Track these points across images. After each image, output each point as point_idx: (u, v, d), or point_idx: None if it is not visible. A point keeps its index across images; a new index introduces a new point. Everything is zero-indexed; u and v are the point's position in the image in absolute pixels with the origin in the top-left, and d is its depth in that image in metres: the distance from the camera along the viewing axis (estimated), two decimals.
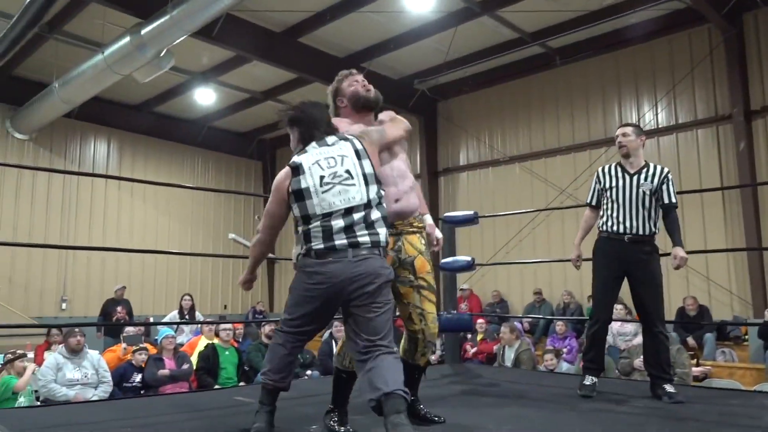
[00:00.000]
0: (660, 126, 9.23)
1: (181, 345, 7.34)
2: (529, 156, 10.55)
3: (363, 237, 2.40)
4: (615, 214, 3.61)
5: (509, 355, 7.06)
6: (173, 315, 9.12)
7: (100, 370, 5.65)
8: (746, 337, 7.78)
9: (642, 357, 4.01)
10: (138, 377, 5.93)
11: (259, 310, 12.77)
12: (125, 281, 12.25)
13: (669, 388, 3.40)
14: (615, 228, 3.60)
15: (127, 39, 7.92)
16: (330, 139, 2.57)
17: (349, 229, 2.39)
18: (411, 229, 2.79)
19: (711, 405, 3.30)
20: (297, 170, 2.48)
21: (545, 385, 4.13)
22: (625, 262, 3.59)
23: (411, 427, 2.18)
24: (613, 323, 7.86)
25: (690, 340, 7.62)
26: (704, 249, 8.30)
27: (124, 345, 6.71)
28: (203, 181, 13.91)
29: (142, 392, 5.74)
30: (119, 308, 9.51)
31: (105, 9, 8.17)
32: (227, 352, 6.56)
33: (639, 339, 6.93)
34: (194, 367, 6.24)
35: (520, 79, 10.57)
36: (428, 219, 3.01)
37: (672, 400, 3.30)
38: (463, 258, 4.81)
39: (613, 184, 3.65)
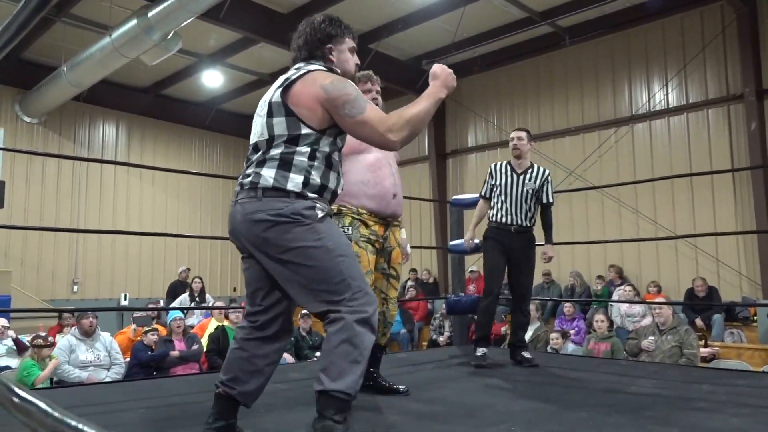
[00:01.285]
0: (670, 106, 9.14)
1: (192, 327, 7.42)
2: (538, 137, 10.47)
3: (245, 178, 2.09)
4: (503, 207, 4.15)
5: (527, 335, 7.08)
6: (184, 297, 9.20)
7: (112, 352, 5.73)
8: (755, 318, 7.77)
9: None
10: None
11: None
12: (136, 264, 12.38)
13: (526, 354, 4.06)
14: (503, 219, 4.13)
15: (134, 22, 7.91)
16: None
17: (246, 169, 2.14)
18: (396, 223, 3.06)
19: (719, 386, 3.31)
20: None
21: (553, 366, 4.16)
22: (510, 249, 4.12)
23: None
24: (621, 305, 7.90)
25: (698, 321, 7.62)
26: (714, 231, 8.28)
27: (134, 326, 6.79)
28: (211, 164, 13.94)
29: (154, 373, 5.81)
30: (189, 291, 9.56)
31: None
32: None
33: (647, 320, 6.96)
34: (204, 349, 6.32)
35: (530, 59, 10.48)
36: (403, 233, 3.27)
37: (530, 363, 3.97)
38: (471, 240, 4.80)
39: (503, 181, 4.18)
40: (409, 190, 12.02)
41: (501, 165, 4.26)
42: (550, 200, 4.24)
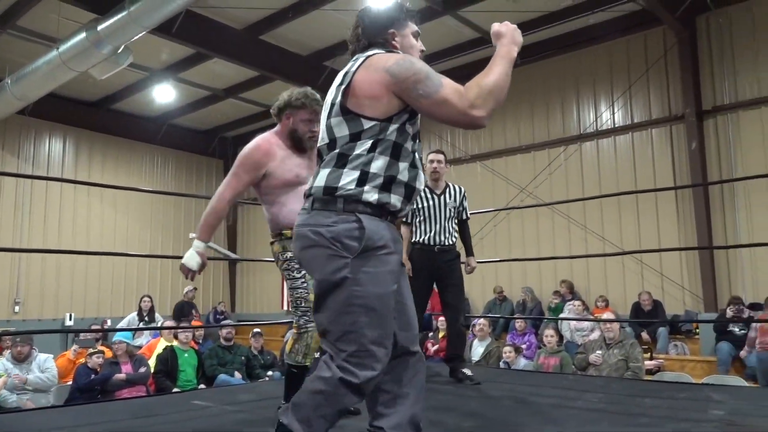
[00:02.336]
0: (617, 125, 9.44)
1: (140, 347, 7.23)
2: (490, 155, 10.67)
3: (307, 187, 1.97)
4: (426, 229, 4.24)
5: (479, 351, 7.14)
6: (132, 317, 8.96)
7: (46, 372, 5.55)
8: (697, 330, 8.04)
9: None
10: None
11: (220, 311, 12.63)
12: (82, 282, 12.01)
13: (467, 371, 4.08)
14: (427, 240, 4.23)
15: (83, 35, 7.72)
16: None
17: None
18: None
19: (661, 399, 3.40)
20: None
21: (504, 381, 4.21)
22: (436, 268, 4.21)
23: None
24: (571, 322, 8.07)
25: (644, 335, 7.84)
26: (658, 246, 8.54)
27: (74, 348, 6.57)
28: (163, 180, 13.67)
29: (98, 397, 5.63)
30: (194, 311, 9.31)
31: (60, 3, 7.95)
32: (186, 355, 6.49)
33: (595, 334, 7.11)
34: (152, 370, 6.16)
35: None
36: None
37: (472, 381, 3.97)
38: None
39: (424, 204, 4.27)
40: None
41: None
42: (468, 216, 4.45)
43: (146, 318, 8.79)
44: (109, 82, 9.96)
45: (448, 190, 4.35)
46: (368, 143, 1.81)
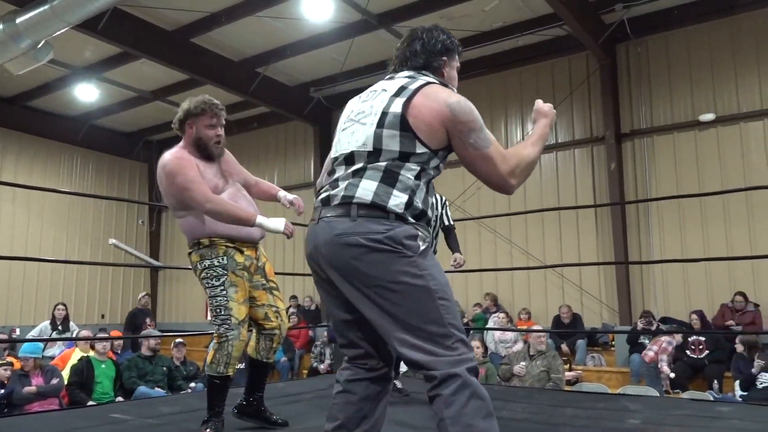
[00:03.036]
0: None
1: (52, 358, 6.86)
2: None
3: (332, 189, 1.84)
4: None
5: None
6: (44, 326, 8.48)
7: None
8: (613, 343, 8.41)
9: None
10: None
11: None
12: None
13: (397, 383, 4.12)
14: None
15: None
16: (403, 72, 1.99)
17: (334, 182, 1.87)
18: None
19: (581, 409, 3.54)
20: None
21: None
22: None
23: None
24: (494, 332, 8.27)
25: (564, 347, 8.12)
26: (578, 261, 8.89)
27: None
28: (82, 182, 13.06)
29: (5, 411, 5.28)
30: (148, 320, 8.77)
31: None
32: (103, 365, 6.20)
33: (519, 346, 7.31)
34: (65, 382, 5.84)
35: None
36: (287, 195, 3.38)
37: (402, 393, 4.06)
38: None
39: None
40: (294, 217, 11.91)
41: None
42: (452, 223, 4.48)
43: (60, 327, 8.35)
44: (26, 77, 9.45)
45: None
46: (416, 170, 1.79)
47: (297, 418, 3.20)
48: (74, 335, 8.17)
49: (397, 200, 1.73)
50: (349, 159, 1.85)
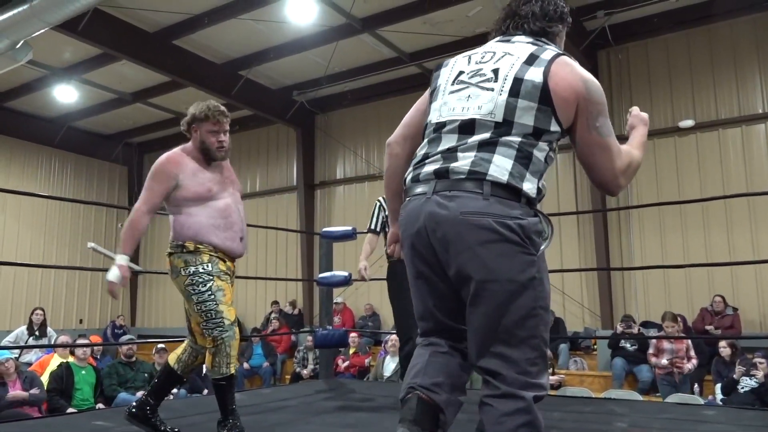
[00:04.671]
0: None
1: (29, 364, 6.72)
2: None
3: (452, 161, 1.61)
4: None
5: (390, 366, 7.11)
6: (21, 331, 8.31)
7: None
8: (595, 347, 8.48)
9: None
10: None
11: (119, 325, 11.99)
12: None
13: None
14: None
15: None
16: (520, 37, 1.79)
17: (448, 151, 1.63)
18: None
19: (568, 413, 3.55)
20: (439, 66, 1.87)
21: None
22: None
23: None
24: None
25: (547, 351, 8.15)
26: (561, 267, 8.94)
27: None
28: (60, 185, 12.85)
29: None
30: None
31: None
32: (83, 372, 6.09)
33: None
34: (44, 388, 5.72)
35: (397, 96, 10.82)
36: None
37: None
38: (340, 273, 4.81)
39: None
40: (276, 221, 11.85)
41: None
42: None
43: (37, 332, 8.19)
44: (3, 78, 9.31)
45: None
46: (546, 151, 1.62)
47: (283, 426, 3.16)
48: (52, 341, 8.02)
49: (529, 184, 1.56)
50: (467, 127, 1.62)
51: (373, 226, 4.19)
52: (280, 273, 11.61)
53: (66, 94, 10.95)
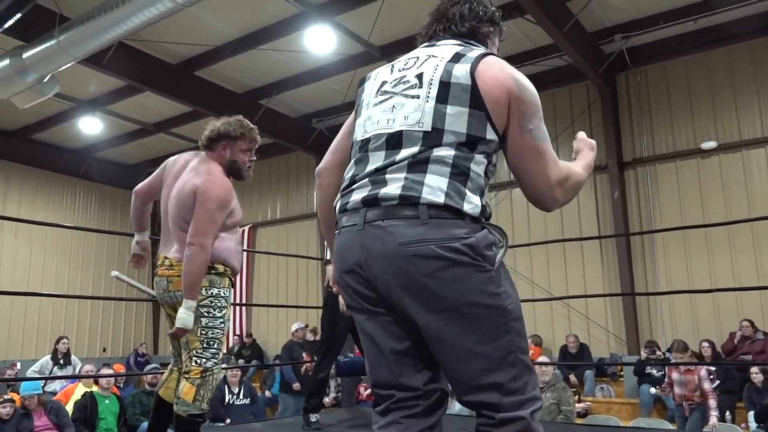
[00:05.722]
0: None
1: (54, 393, 6.76)
2: None
3: (381, 186, 1.45)
4: None
5: None
6: (46, 360, 8.39)
7: None
8: (622, 373, 8.30)
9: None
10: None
11: (141, 353, 12.03)
12: None
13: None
14: None
15: (6, 62, 7.38)
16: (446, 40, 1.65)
17: (376, 173, 1.48)
18: None
19: None
20: (363, 80, 1.72)
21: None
22: None
23: None
24: None
25: (572, 377, 8.02)
26: (584, 290, 8.83)
27: None
28: (85, 215, 13.06)
29: None
30: (305, 354, 8.61)
31: None
32: (107, 401, 6.10)
33: None
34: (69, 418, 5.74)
35: None
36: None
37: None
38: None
39: None
40: (297, 248, 11.89)
41: None
42: None
43: (61, 361, 8.26)
44: (30, 111, 9.52)
45: None
46: (483, 164, 1.48)
47: None
48: (76, 369, 8.07)
49: (470, 204, 1.42)
50: (393, 141, 1.48)
51: (328, 257, 4.31)
52: (300, 300, 11.61)
53: (91, 126, 11.17)
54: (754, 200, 8.02)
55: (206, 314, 2.66)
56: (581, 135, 1.82)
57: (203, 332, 2.64)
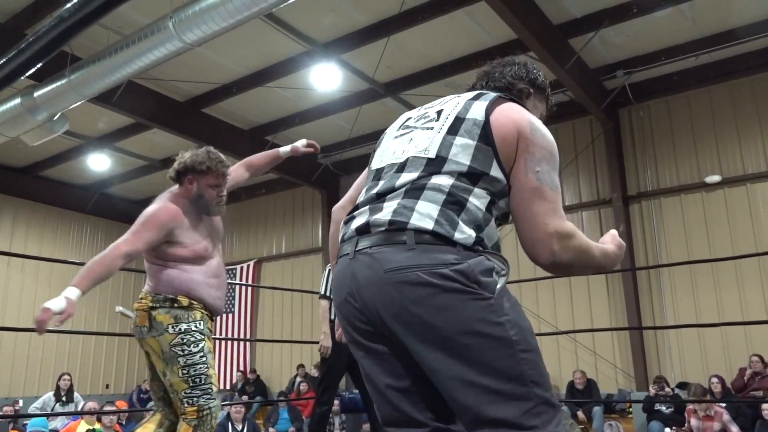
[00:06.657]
0: None
1: (56, 431, 6.69)
2: None
3: (374, 213, 1.44)
4: None
5: None
6: (48, 397, 8.32)
7: None
8: (630, 410, 8.16)
9: None
10: None
11: (144, 390, 11.90)
12: None
13: None
14: None
15: (17, 100, 7.51)
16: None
17: (376, 199, 1.48)
18: None
19: None
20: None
21: None
22: None
23: None
24: None
25: (580, 414, 7.89)
26: (591, 325, 8.75)
27: None
28: (91, 251, 13.07)
29: None
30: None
31: None
32: None
33: None
34: None
35: None
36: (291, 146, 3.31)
37: None
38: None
39: None
40: (302, 283, 11.86)
41: None
42: None
43: (64, 398, 8.19)
44: (40, 148, 9.66)
45: None
46: (486, 199, 1.42)
47: None
48: (78, 406, 8.00)
49: (462, 235, 1.35)
50: (400, 167, 1.48)
51: (323, 292, 4.37)
52: (305, 335, 11.52)
53: (99, 163, 11.31)
54: (760, 234, 8.00)
55: (181, 353, 2.56)
56: (613, 231, 1.73)
57: (184, 372, 2.54)
